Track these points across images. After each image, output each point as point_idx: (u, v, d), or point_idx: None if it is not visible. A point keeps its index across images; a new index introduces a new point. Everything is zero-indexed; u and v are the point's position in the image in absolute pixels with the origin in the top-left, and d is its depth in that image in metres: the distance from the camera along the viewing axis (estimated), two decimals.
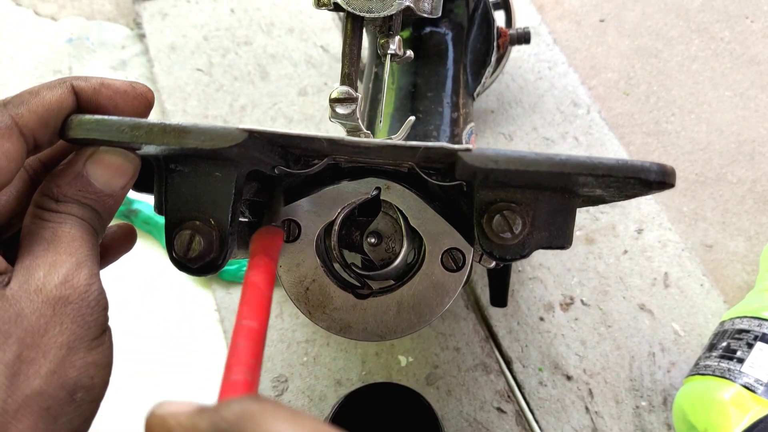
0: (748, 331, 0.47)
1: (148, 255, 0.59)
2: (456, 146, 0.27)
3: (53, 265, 0.25)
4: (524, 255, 0.28)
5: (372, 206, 0.34)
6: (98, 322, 0.26)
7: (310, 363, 0.54)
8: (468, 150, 0.26)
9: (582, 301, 0.56)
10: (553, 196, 0.28)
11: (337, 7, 0.34)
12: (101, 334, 0.26)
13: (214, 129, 0.26)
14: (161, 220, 0.56)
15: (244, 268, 0.34)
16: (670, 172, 0.26)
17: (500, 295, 0.36)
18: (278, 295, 0.56)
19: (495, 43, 0.55)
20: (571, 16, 0.74)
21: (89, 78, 0.28)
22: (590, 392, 0.52)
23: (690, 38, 0.72)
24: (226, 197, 0.28)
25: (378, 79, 0.53)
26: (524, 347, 0.54)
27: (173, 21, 0.73)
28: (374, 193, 0.32)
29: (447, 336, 0.54)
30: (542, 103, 0.67)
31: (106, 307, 0.26)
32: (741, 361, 0.46)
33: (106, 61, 0.72)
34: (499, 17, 0.62)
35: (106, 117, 0.26)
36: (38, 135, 0.26)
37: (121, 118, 0.26)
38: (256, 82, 0.69)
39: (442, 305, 0.32)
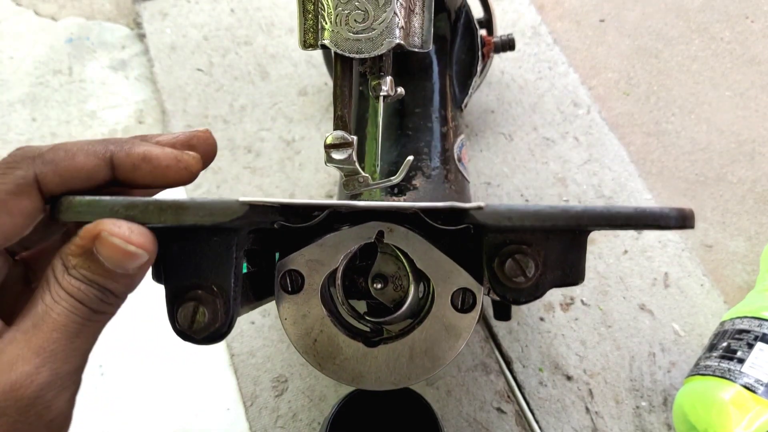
0: (748, 332, 0.47)
1: None
2: (467, 205, 0.26)
3: (16, 360, 0.23)
4: (538, 296, 0.27)
5: (371, 250, 0.32)
6: None
7: None
8: (480, 208, 0.25)
9: (582, 301, 0.56)
10: (564, 234, 0.27)
11: (324, 48, 0.32)
12: None
13: (213, 204, 0.24)
14: None
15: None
16: (689, 216, 0.26)
17: (504, 308, 0.35)
18: None
19: (480, 53, 0.55)
20: (571, 16, 0.74)
21: (132, 150, 0.26)
22: (590, 392, 0.52)
23: (690, 38, 0.72)
24: (227, 262, 0.26)
25: (363, 97, 0.51)
26: (524, 347, 0.54)
27: (173, 21, 0.73)
28: (377, 237, 0.31)
29: None
30: (542, 103, 0.67)
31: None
32: (741, 361, 0.46)
33: (106, 61, 0.72)
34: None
35: (97, 198, 0.25)
36: (57, 192, 0.25)
37: (114, 198, 0.25)
38: (256, 82, 0.69)
39: (455, 348, 0.31)
